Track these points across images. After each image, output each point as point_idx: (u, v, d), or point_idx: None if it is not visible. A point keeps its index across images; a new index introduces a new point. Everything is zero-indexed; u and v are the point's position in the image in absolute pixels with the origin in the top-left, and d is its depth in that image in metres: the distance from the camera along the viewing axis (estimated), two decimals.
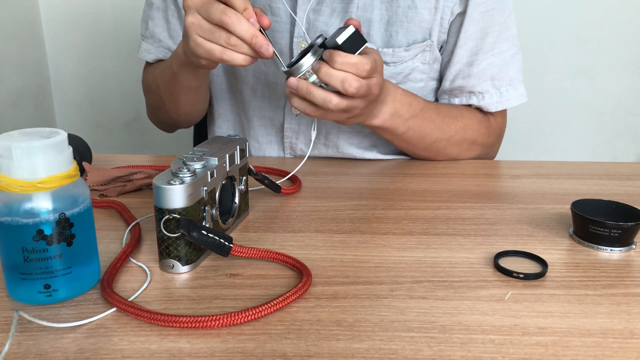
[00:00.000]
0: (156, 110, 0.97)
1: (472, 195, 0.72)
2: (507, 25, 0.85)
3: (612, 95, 1.64)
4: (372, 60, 0.66)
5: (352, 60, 0.64)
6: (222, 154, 0.57)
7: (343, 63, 0.64)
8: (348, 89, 0.65)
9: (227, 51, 0.65)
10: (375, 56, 0.68)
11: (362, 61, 0.65)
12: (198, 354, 0.41)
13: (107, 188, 0.72)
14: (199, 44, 0.66)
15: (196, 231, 0.49)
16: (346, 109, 0.68)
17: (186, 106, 0.90)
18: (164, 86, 0.87)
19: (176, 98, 0.87)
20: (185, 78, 0.81)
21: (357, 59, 0.65)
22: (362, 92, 0.66)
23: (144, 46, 0.94)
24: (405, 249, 0.57)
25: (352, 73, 0.65)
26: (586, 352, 0.41)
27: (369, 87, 0.67)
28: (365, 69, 0.65)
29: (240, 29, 0.64)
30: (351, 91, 0.65)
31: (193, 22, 0.66)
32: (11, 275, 0.46)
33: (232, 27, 0.64)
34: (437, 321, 0.45)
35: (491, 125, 0.90)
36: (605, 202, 0.60)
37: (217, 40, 0.65)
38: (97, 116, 1.75)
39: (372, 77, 0.67)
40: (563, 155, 1.69)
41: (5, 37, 1.47)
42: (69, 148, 0.46)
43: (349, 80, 0.65)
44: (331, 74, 0.65)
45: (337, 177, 0.80)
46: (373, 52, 0.68)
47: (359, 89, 0.65)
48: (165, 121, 0.98)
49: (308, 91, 0.66)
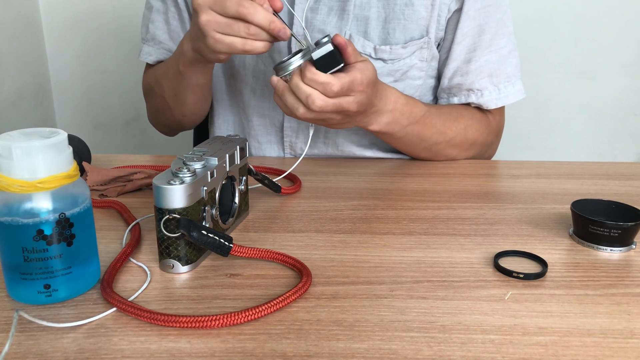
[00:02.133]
0: (159, 113, 0.96)
1: (472, 195, 0.72)
2: (504, 22, 0.85)
3: (612, 95, 1.64)
4: (347, 82, 0.66)
5: (320, 79, 0.65)
6: (222, 154, 0.57)
7: (311, 80, 0.65)
8: (311, 105, 0.66)
9: (249, 41, 0.66)
10: (357, 75, 0.67)
11: (331, 82, 0.65)
12: (198, 354, 0.41)
13: (107, 188, 0.72)
14: (218, 40, 0.66)
15: (196, 231, 0.49)
16: (314, 120, 0.69)
17: (192, 105, 0.89)
18: (168, 87, 0.87)
19: (182, 98, 0.87)
20: (193, 76, 0.81)
21: (325, 79, 0.65)
22: (329, 109, 0.67)
23: (145, 49, 0.94)
24: (405, 249, 0.57)
25: (319, 91, 0.66)
26: (586, 352, 0.41)
27: (339, 105, 0.67)
28: (332, 90, 0.65)
29: (258, 17, 0.64)
30: (314, 108, 0.66)
31: (209, 20, 0.66)
32: (11, 275, 0.46)
33: (250, 17, 0.64)
34: (437, 321, 0.45)
35: (490, 124, 0.90)
36: (605, 202, 0.60)
37: (237, 33, 0.65)
38: (96, 116, 1.75)
39: (348, 95, 0.67)
40: (563, 155, 1.69)
41: (5, 37, 1.47)
42: (69, 148, 0.46)
43: (312, 97, 0.66)
44: (299, 87, 0.66)
45: (337, 177, 0.80)
46: (357, 70, 0.67)
47: (323, 108, 0.66)
48: (168, 124, 0.97)
49: (282, 94, 0.68)
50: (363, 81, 0.68)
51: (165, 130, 1.01)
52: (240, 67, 0.91)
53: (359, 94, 0.68)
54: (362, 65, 0.68)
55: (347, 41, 0.67)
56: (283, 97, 0.68)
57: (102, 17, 1.63)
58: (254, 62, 0.89)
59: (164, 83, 0.87)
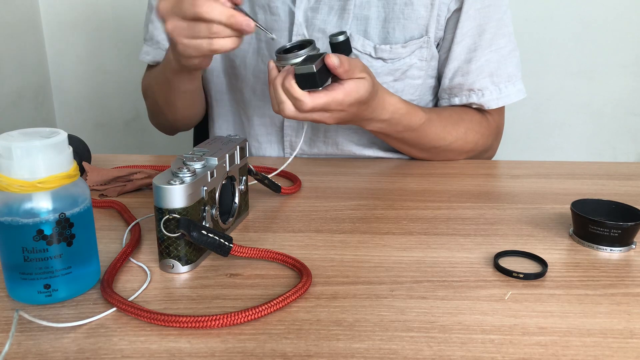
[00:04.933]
0: (155, 114, 0.98)
1: (472, 195, 0.72)
2: (504, 21, 0.86)
3: (612, 95, 1.64)
4: (321, 103, 0.66)
5: (294, 94, 0.66)
6: (222, 154, 0.57)
7: (287, 90, 0.66)
8: (282, 112, 0.67)
9: (213, 40, 0.64)
10: (338, 95, 0.66)
11: (303, 101, 0.65)
12: (198, 354, 0.41)
13: (107, 188, 0.72)
14: (186, 45, 0.66)
15: (196, 231, 0.49)
16: (299, 119, 0.69)
17: (183, 110, 0.91)
18: (159, 91, 0.88)
19: (172, 103, 0.88)
20: (180, 83, 0.82)
21: (299, 96, 0.65)
22: (301, 118, 0.68)
23: (144, 49, 0.95)
24: (405, 249, 0.57)
25: (292, 103, 0.67)
26: (586, 352, 0.41)
27: (311, 118, 0.68)
28: (302, 108, 0.66)
29: (214, 14, 0.62)
30: (285, 116, 0.67)
31: (174, 26, 0.65)
32: (11, 275, 0.46)
33: (207, 15, 0.62)
34: (437, 321, 0.45)
35: (490, 125, 0.90)
36: (605, 202, 0.60)
37: (199, 34, 0.64)
38: (97, 116, 1.75)
39: (326, 111, 0.68)
40: (563, 155, 1.69)
41: (5, 37, 1.47)
42: (69, 148, 0.46)
43: (284, 105, 0.67)
44: (277, 90, 0.67)
45: (337, 177, 0.80)
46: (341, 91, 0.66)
47: (294, 117, 0.67)
48: (164, 125, 0.99)
49: (274, 86, 0.68)
50: (344, 102, 0.67)
51: (162, 129, 1.03)
52: (241, 67, 0.91)
53: (337, 112, 0.69)
54: (352, 85, 0.67)
55: (340, 61, 0.65)
56: (274, 90, 0.68)
57: (102, 17, 1.63)
58: (254, 62, 0.90)
59: (156, 87, 0.89)
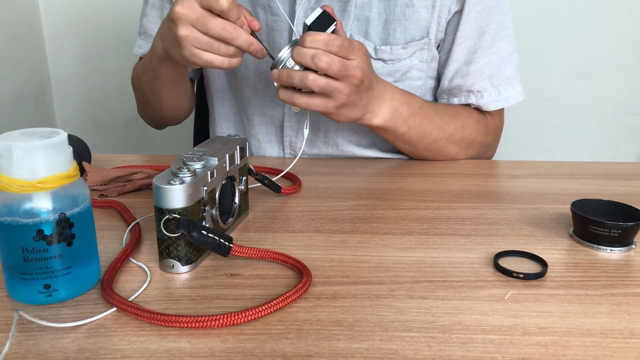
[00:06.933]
0: (143, 105, 0.98)
1: (472, 195, 0.72)
2: (504, 24, 0.86)
3: (612, 95, 1.64)
4: (347, 40, 0.68)
5: (320, 37, 0.67)
6: (222, 154, 0.57)
7: (312, 40, 0.67)
8: (318, 63, 0.67)
9: (226, 59, 0.68)
10: (354, 41, 0.70)
11: (331, 37, 0.67)
12: (198, 354, 0.41)
13: (107, 188, 0.72)
14: (195, 54, 0.68)
15: (196, 231, 0.49)
16: (326, 88, 0.68)
17: (168, 100, 0.91)
18: (146, 81, 0.89)
19: (158, 92, 0.89)
20: (165, 72, 0.83)
21: (326, 36, 0.67)
22: (336, 68, 0.67)
23: (138, 42, 0.96)
24: (405, 249, 0.57)
25: (322, 49, 0.67)
26: (586, 352, 0.41)
27: (344, 65, 0.68)
28: (334, 44, 0.67)
29: (240, 41, 0.67)
30: (322, 65, 0.67)
31: (188, 35, 0.66)
32: (11, 275, 0.46)
33: (232, 41, 0.67)
34: (437, 321, 0.45)
35: (489, 124, 0.90)
36: (605, 202, 0.60)
37: (216, 51, 0.68)
38: (96, 116, 1.75)
39: (349, 58, 0.69)
40: (563, 155, 1.69)
41: (5, 37, 1.47)
42: (69, 148, 0.46)
43: (318, 55, 0.67)
44: (302, 52, 0.67)
45: (337, 177, 0.80)
46: (354, 41, 0.70)
47: (329, 64, 0.67)
48: (151, 116, 1.00)
49: (288, 75, 0.69)
50: (361, 47, 0.70)
51: (150, 122, 1.03)
52: (243, 67, 0.91)
53: (360, 59, 0.70)
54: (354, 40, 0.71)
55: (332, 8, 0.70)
56: (290, 78, 0.68)
57: (102, 17, 1.63)
58: (256, 62, 0.90)
59: (143, 77, 0.90)
